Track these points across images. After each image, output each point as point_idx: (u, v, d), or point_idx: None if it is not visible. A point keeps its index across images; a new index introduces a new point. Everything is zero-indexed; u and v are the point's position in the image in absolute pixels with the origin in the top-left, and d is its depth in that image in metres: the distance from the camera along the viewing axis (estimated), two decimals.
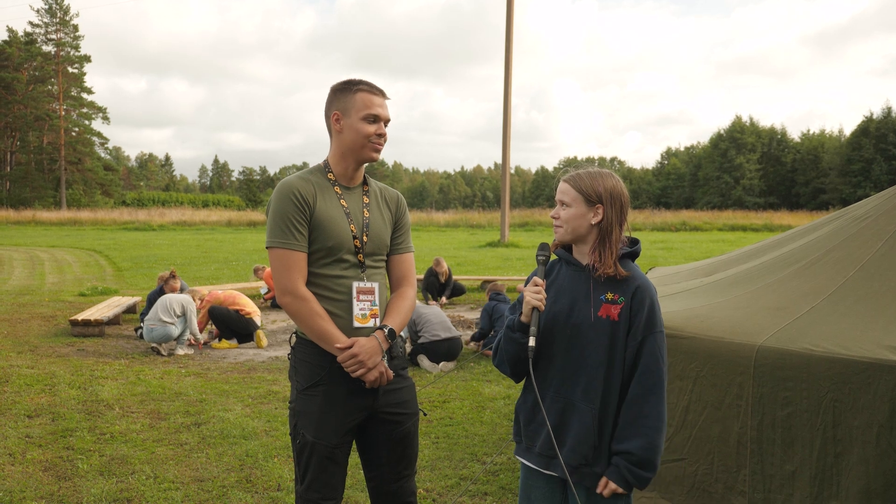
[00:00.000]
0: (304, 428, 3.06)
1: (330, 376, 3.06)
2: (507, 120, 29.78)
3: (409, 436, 3.26)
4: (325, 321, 3.03)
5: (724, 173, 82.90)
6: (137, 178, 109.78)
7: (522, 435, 2.94)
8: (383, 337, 3.11)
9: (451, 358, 9.07)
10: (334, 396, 3.07)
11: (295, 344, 3.18)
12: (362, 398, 3.10)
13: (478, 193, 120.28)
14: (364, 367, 3.01)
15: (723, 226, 48.82)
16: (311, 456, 3.06)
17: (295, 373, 3.16)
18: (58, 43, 73.98)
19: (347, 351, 3.00)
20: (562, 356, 2.82)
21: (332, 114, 3.14)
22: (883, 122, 74.49)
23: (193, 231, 44.37)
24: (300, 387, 3.11)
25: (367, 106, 3.10)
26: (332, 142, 3.20)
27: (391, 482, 3.25)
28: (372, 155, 3.15)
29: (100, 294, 15.37)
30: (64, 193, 71.52)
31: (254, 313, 10.67)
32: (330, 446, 3.06)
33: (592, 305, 2.79)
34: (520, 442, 2.97)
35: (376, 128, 3.12)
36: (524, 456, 2.95)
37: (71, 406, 7.12)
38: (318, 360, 3.08)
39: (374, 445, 3.23)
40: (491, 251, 28.30)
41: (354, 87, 3.11)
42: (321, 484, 3.07)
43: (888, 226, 4.68)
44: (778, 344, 3.96)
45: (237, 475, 5.37)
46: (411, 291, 3.35)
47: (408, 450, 3.26)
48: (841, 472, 3.71)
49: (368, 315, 3.13)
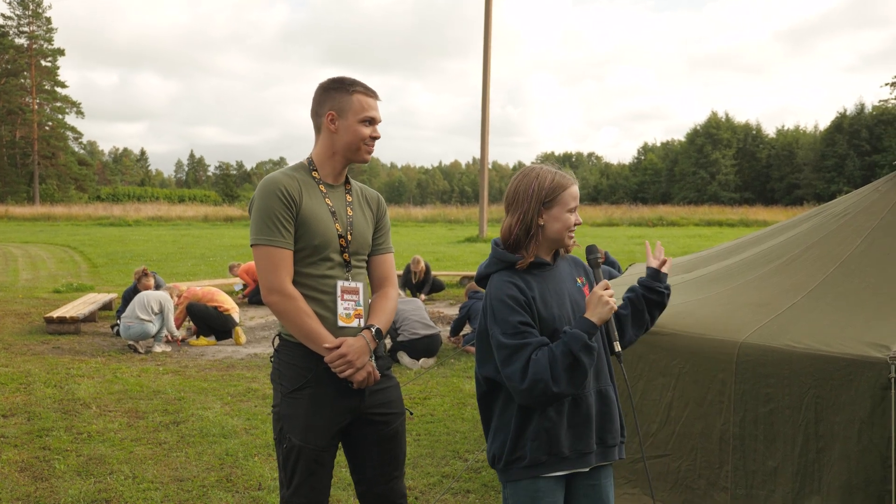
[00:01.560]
0: (291, 432, 3.01)
1: (316, 378, 3.02)
2: (486, 115, 29.77)
3: (397, 436, 3.23)
4: (313, 320, 2.99)
5: (700, 169, 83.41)
6: (112, 173, 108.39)
7: (567, 447, 2.72)
8: (371, 336, 3.08)
9: (431, 354, 9.06)
10: (321, 399, 3.03)
11: (279, 346, 3.14)
12: (349, 399, 3.07)
13: (456, 188, 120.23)
14: (352, 368, 2.98)
15: (699, 221, 49.09)
16: (299, 460, 3.01)
17: (279, 376, 3.10)
18: (30, 36, 73.04)
19: (336, 351, 2.97)
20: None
21: (325, 113, 3.09)
22: (856, 118, 75.27)
23: (170, 226, 44.01)
24: (285, 390, 3.06)
25: (364, 108, 3.08)
26: (321, 140, 3.14)
27: (380, 484, 3.21)
28: (365, 157, 3.13)
29: (75, 291, 15.20)
30: (37, 188, 70.64)
31: (232, 310, 10.60)
32: (318, 450, 3.02)
33: (581, 295, 2.85)
34: (541, 460, 2.71)
35: (371, 130, 3.11)
36: (550, 469, 2.72)
37: (47, 405, 7.03)
38: (304, 363, 3.03)
39: (361, 447, 3.19)
40: (469, 246, 28.29)
41: (351, 89, 3.08)
42: (308, 488, 3.03)
43: (867, 222, 4.72)
44: (759, 341, 3.98)
45: (217, 474, 5.33)
46: (394, 292, 3.34)
47: (396, 450, 3.23)
48: (823, 468, 3.73)
49: (353, 315, 3.10)
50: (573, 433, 2.73)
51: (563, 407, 2.70)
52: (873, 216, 4.73)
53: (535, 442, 2.69)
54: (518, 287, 2.68)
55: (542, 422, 2.68)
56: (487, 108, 29.81)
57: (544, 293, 2.74)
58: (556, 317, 2.72)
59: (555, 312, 2.72)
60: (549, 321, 2.70)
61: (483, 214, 31.10)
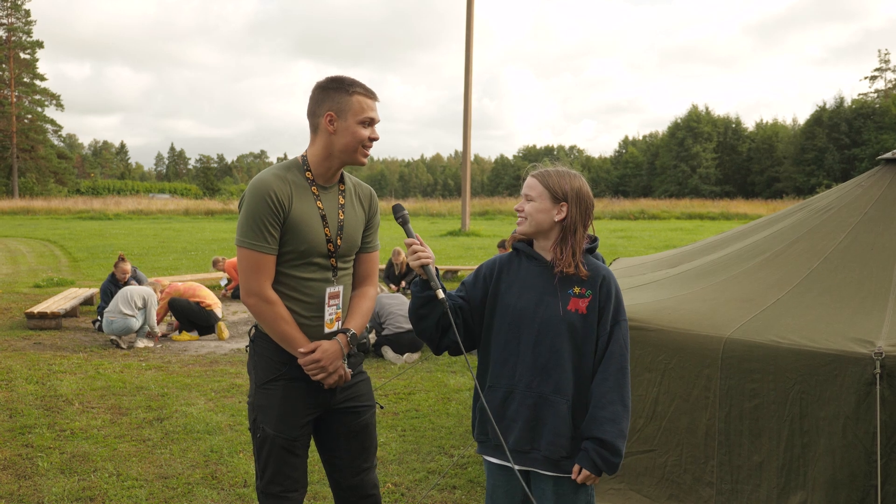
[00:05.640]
0: (264, 422, 3.05)
1: (289, 372, 3.06)
2: (468, 109, 29.74)
3: (368, 427, 3.26)
4: (289, 325, 3.01)
5: (680, 162, 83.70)
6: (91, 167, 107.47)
7: (489, 433, 2.91)
8: (346, 342, 3.10)
9: (415, 349, 9.05)
10: (293, 391, 3.06)
11: (254, 336, 3.16)
12: (321, 393, 3.11)
13: (439, 181, 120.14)
14: (325, 372, 3.03)
15: (680, 214, 49.32)
16: (272, 449, 3.05)
17: (254, 366, 3.14)
18: (9, 28, 72.20)
19: (310, 356, 3.00)
20: (531, 352, 2.82)
21: (324, 113, 3.03)
22: (835, 111, 75.77)
23: (150, 220, 43.72)
24: (259, 381, 3.10)
25: (364, 109, 3.04)
26: (317, 140, 3.08)
27: (352, 476, 3.25)
28: (362, 159, 3.10)
29: (55, 285, 15.07)
30: (16, 182, 69.87)
31: (215, 305, 10.54)
32: (290, 439, 3.05)
33: (560, 300, 2.81)
34: (485, 441, 2.95)
35: (370, 132, 3.07)
36: (492, 454, 2.94)
37: (29, 402, 6.97)
38: (278, 357, 3.07)
39: (332, 439, 3.22)
40: (452, 240, 28.29)
41: (350, 89, 3.03)
42: (283, 477, 3.07)
43: (850, 217, 4.75)
44: (745, 336, 4.00)
45: (202, 471, 5.30)
46: (373, 291, 3.34)
47: (366, 441, 3.26)
48: (808, 463, 3.76)
49: (335, 319, 3.14)
50: (503, 426, 2.85)
51: (496, 394, 2.89)
52: (857, 211, 4.76)
53: (476, 419, 3.00)
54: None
55: (488, 400, 2.90)
56: (469, 101, 29.78)
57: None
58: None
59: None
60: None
61: (465, 208, 31.10)
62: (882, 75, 79.89)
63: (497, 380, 2.89)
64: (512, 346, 2.86)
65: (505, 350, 2.87)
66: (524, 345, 2.83)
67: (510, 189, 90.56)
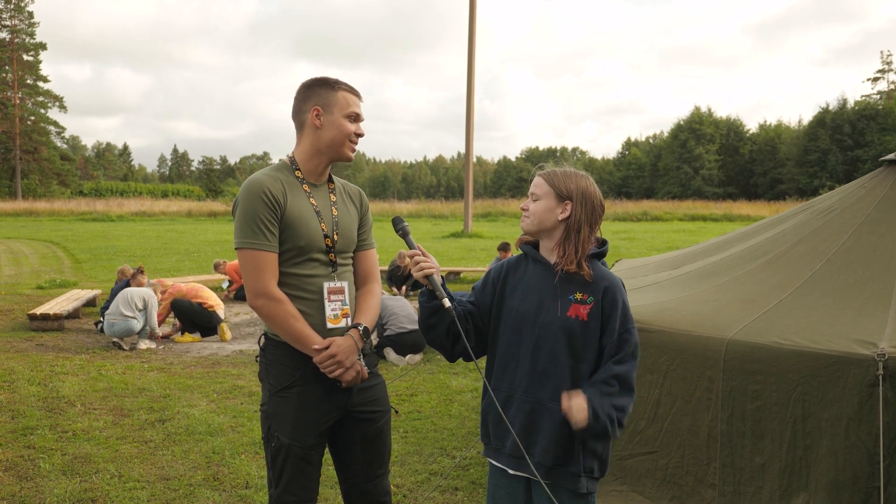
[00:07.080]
0: (279, 430, 3.01)
1: (303, 377, 3.02)
2: (471, 110, 29.75)
3: (383, 434, 3.23)
4: (300, 323, 2.98)
5: (683, 163, 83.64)
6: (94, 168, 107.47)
7: (491, 436, 2.91)
8: (358, 335, 3.07)
9: (418, 350, 9.04)
10: (309, 397, 3.02)
11: (264, 345, 3.12)
12: (337, 398, 3.07)
13: (442, 182, 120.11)
14: (342, 368, 2.98)
15: (683, 216, 49.31)
16: (287, 458, 3.01)
17: (266, 374, 3.09)
18: (13, 30, 72.32)
19: (325, 352, 2.96)
20: (529, 357, 2.79)
21: (310, 109, 3.06)
22: (838, 113, 75.70)
23: (153, 222, 43.78)
24: (273, 389, 3.05)
25: (350, 104, 3.09)
26: (304, 138, 3.11)
27: (365, 482, 3.21)
28: (349, 154, 3.12)
29: (58, 287, 15.08)
30: (19, 183, 70.02)
31: (217, 306, 10.55)
32: (306, 448, 3.01)
33: (560, 305, 2.77)
34: (488, 443, 2.94)
35: (356, 127, 3.10)
36: (493, 457, 2.93)
37: (31, 403, 6.98)
38: (291, 362, 3.03)
39: (347, 445, 3.19)
40: (454, 241, 28.29)
41: (336, 86, 3.08)
42: (297, 486, 3.03)
43: (853, 219, 4.74)
44: (747, 337, 3.99)
45: (204, 473, 5.30)
46: (377, 287, 3.34)
47: (381, 448, 3.23)
48: (810, 465, 3.75)
49: (340, 315, 3.10)
50: (500, 431, 2.86)
51: (498, 398, 2.84)
52: (860, 213, 4.75)
53: (481, 420, 2.99)
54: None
55: (489, 403, 2.90)
56: (472, 102, 29.78)
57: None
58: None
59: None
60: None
61: (468, 210, 31.10)
62: (885, 77, 79.92)
63: (498, 383, 2.87)
64: (513, 350, 2.84)
65: (506, 354, 2.85)
66: (524, 349, 2.80)
67: (513, 191, 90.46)
